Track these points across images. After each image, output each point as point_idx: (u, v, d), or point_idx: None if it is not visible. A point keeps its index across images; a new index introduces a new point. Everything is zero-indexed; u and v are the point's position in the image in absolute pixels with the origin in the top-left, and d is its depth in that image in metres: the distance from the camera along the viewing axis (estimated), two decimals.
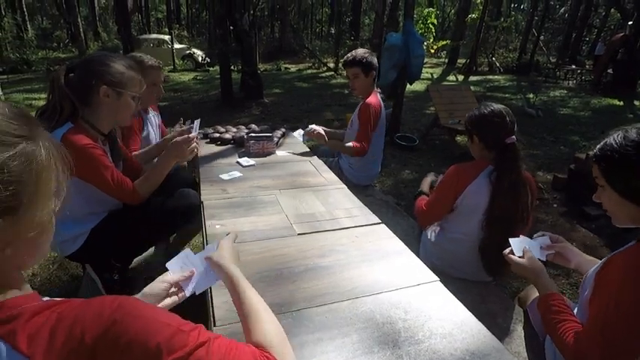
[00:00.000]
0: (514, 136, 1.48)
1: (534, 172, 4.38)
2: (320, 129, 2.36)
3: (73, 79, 1.34)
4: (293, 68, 15.27)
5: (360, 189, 2.60)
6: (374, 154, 2.52)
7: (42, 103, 6.89)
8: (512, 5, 28.83)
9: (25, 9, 20.89)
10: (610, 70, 10.03)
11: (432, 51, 16.04)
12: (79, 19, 17.85)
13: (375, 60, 2.37)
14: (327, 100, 8.75)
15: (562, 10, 23.24)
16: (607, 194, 1.02)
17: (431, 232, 1.77)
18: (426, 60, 16.15)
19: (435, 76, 12.33)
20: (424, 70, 12.85)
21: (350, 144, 2.32)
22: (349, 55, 2.38)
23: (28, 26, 20.57)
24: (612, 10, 17.42)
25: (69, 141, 1.28)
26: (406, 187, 3.93)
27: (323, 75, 13.12)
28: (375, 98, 2.38)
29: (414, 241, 2.04)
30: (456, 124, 4.92)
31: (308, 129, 2.31)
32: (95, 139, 1.39)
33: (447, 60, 17.01)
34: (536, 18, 16.77)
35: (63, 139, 1.29)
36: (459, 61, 15.50)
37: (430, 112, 6.83)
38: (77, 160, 1.27)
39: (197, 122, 1.74)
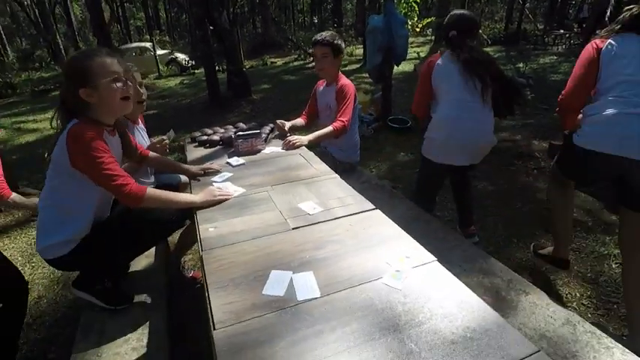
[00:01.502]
0: (456, 32, 2.06)
1: (529, 141, 4.37)
2: (298, 139, 2.28)
3: (66, 97, 1.39)
4: (279, 62, 15.15)
5: (355, 176, 2.61)
6: (353, 127, 2.57)
7: (30, 125, 6.82)
8: None
9: (2, 32, 20.64)
10: (598, 31, 9.92)
11: (418, 30, 15.84)
12: (58, 37, 17.63)
13: (343, 45, 2.42)
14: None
15: None
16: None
17: (429, 129, 2.20)
18: (412, 39, 16.04)
19: (422, 54, 12.22)
20: (411, 49, 12.74)
21: (329, 128, 2.33)
22: (319, 35, 2.40)
23: (8, 49, 20.33)
24: None
25: (71, 134, 1.31)
26: (402, 170, 3.92)
27: (310, 66, 13.01)
28: (346, 80, 2.45)
29: (412, 222, 2.04)
30: None
31: (286, 140, 2.24)
32: (100, 132, 1.39)
33: (433, 37, 16.85)
34: None
35: (67, 133, 1.31)
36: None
37: None
38: (77, 151, 1.29)
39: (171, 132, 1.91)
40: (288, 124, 2.51)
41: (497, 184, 3.43)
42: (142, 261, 1.89)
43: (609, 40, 1.69)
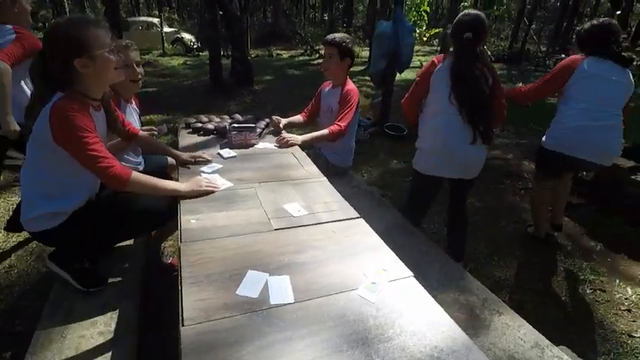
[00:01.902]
0: (471, 34, 1.93)
1: (520, 161, 4.42)
2: (292, 137, 2.26)
3: (50, 66, 1.32)
4: (285, 55, 15.08)
5: (346, 180, 2.61)
6: (350, 132, 2.56)
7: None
8: None
9: None
10: None
11: (425, 39, 15.90)
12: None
13: (353, 48, 2.40)
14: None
15: None
16: (576, 49, 2.42)
17: (418, 140, 2.21)
18: (417, 48, 16.07)
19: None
20: (416, 58, 12.75)
21: (326, 131, 2.32)
22: (331, 35, 2.43)
23: None
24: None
25: (56, 107, 1.28)
26: (393, 177, 3.94)
27: (315, 62, 12.98)
28: (353, 86, 2.45)
29: (396, 232, 2.05)
30: None
31: (280, 137, 2.22)
32: (87, 106, 1.37)
33: (439, 48, 16.90)
34: (528, 6, 16.68)
35: (52, 109, 1.28)
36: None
37: None
38: (60, 126, 1.27)
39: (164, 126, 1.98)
40: (283, 121, 2.50)
41: (485, 201, 3.47)
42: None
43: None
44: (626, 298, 2.28)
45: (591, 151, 2.29)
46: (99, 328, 1.33)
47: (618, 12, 9.79)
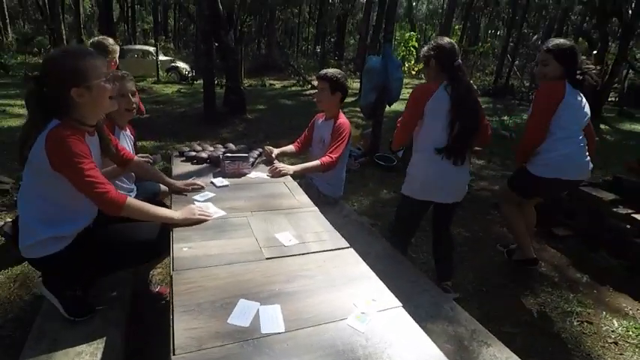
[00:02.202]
0: (460, 60, 2.07)
1: None
2: (285, 167, 2.32)
3: (46, 95, 1.36)
4: (278, 85, 15.41)
5: (337, 209, 2.65)
6: (341, 164, 2.62)
7: (17, 110, 6.68)
8: (489, 32, 30.04)
9: (6, 13, 20.51)
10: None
11: (414, 72, 16.49)
12: (63, 26, 17.62)
13: (345, 83, 2.51)
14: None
15: (535, 37, 24.35)
16: (551, 67, 2.29)
17: (410, 166, 2.26)
18: (407, 81, 16.61)
19: None
20: (405, 90, 13.15)
21: (317, 162, 2.38)
22: (324, 70, 2.56)
23: (9, 30, 20.18)
24: (580, 39, 18.35)
25: (52, 135, 1.30)
26: (383, 207, 3.98)
27: (307, 93, 13.28)
28: (345, 119, 2.54)
29: (385, 262, 2.08)
30: None
31: (272, 167, 2.28)
32: (82, 132, 1.40)
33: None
34: (511, 44, 17.49)
35: (47, 136, 1.30)
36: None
37: None
38: (57, 154, 1.30)
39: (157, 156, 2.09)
40: (276, 151, 2.56)
41: (472, 231, 3.52)
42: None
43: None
44: (612, 331, 2.30)
45: (580, 171, 2.43)
46: (84, 359, 1.30)
47: (595, 52, 10.34)
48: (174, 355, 0.89)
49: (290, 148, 2.74)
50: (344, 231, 1.64)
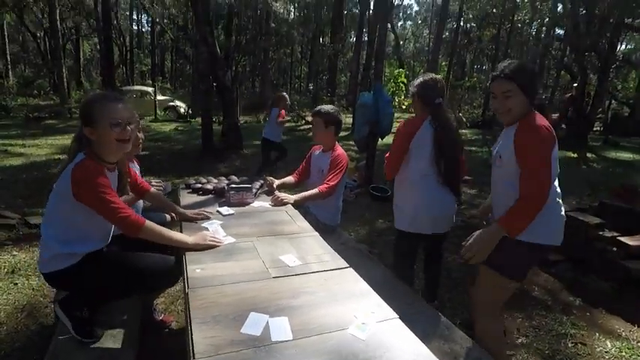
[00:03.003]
0: (441, 99, 2.16)
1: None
2: (286, 197, 2.44)
3: (79, 132, 1.61)
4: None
5: (334, 237, 2.76)
6: (338, 192, 2.76)
7: (18, 149, 6.86)
8: (475, 67, 31.38)
9: (8, 58, 21.18)
10: (564, 126, 10.94)
11: (404, 107, 17.05)
12: (64, 70, 18.20)
13: (338, 117, 2.69)
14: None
15: None
16: (516, 97, 1.63)
17: (398, 200, 2.34)
18: (398, 115, 17.12)
19: None
20: (396, 124, 13.48)
21: (316, 191, 2.53)
22: (318, 107, 2.81)
23: (10, 74, 20.75)
24: (562, 72, 19.24)
25: (77, 169, 1.49)
26: (379, 236, 4.10)
27: (301, 128, 13.66)
28: (342, 151, 2.72)
29: (383, 285, 2.16)
30: None
31: (274, 196, 2.42)
32: (102, 168, 1.57)
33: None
34: None
35: (73, 168, 1.49)
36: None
37: None
38: (81, 186, 1.48)
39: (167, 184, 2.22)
40: (277, 182, 2.71)
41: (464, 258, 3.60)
42: None
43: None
44: (606, 352, 2.36)
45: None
46: None
47: (575, 84, 10.88)
48: (194, 359, 0.99)
49: (289, 179, 2.90)
50: (342, 255, 1.75)
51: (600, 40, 11.01)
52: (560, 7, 15.57)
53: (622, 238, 3.03)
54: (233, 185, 2.31)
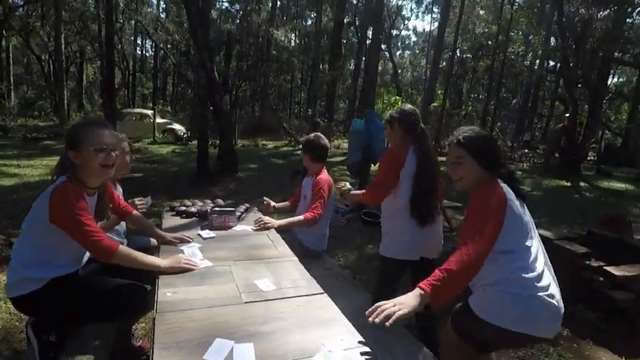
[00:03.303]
0: (422, 125, 2.23)
1: None
2: (270, 221, 2.43)
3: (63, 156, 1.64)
4: (270, 145, 15.98)
5: (319, 262, 2.75)
6: (324, 220, 2.75)
7: (12, 169, 6.87)
8: (472, 96, 32.01)
9: (11, 79, 21.57)
10: (557, 155, 11.08)
11: None
12: (65, 92, 18.51)
13: (313, 144, 2.71)
14: (300, 176, 9.13)
15: (514, 101, 25.99)
16: (467, 165, 1.58)
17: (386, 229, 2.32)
18: None
19: None
20: None
21: (301, 217, 2.53)
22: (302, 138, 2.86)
23: (12, 95, 21.08)
24: (556, 103, 19.66)
25: (56, 191, 1.50)
26: (368, 262, 4.07)
27: (298, 152, 13.77)
28: (324, 175, 2.72)
29: (362, 312, 2.13)
30: None
31: (258, 219, 2.41)
32: (82, 192, 1.58)
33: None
34: (491, 107, 18.63)
35: (52, 190, 1.51)
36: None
37: None
38: (58, 207, 1.50)
39: (148, 198, 2.21)
40: (272, 204, 2.72)
41: None
42: None
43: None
44: None
45: None
46: None
47: (567, 114, 11.09)
48: (156, 312, 0.97)
49: (285, 204, 2.93)
50: (325, 281, 1.74)
51: (591, 72, 11.32)
52: (552, 41, 16.11)
53: (608, 268, 3.01)
54: (216, 208, 2.32)
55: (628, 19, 15.26)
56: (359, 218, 5.49)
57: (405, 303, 1.30)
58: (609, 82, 20.35)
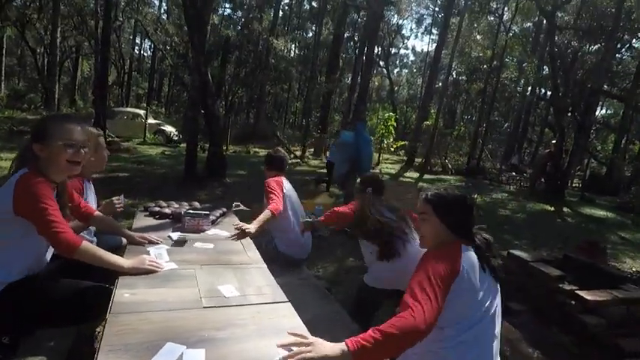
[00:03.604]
0: (371, 189, 2.41)
1: None
2: (248, 227, 2.36)
3: (26, 147, 1.58)
4: (262, 152, 15.93)
5: (295, 272, 2.72)
6: (293, 224, 2.81)
7: None
8: (465, 117, 32.50)
9: (3, 70, 21.30)
10: (543, 180, 11.24)
11: (392, 149, 17.42)
12: (58, 86, 18.31)
13: (271, 158, 3.09)
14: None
15: (506, 124, 26.45)
16: (431, 222, 1.47)
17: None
18: (387, 156, 17.48)
19: (393, 171, 13.25)
20: (384, 165, 13.75)
21: (266, 211, 2.51)
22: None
23: (2, 86, 20.79)
24: (546, 130, 20.06)
25: (21, 180, 1.46)
26: (347, 274, 4.04)
27: (289, 162, 13.77)
28: (270, 179, 2.89)
29: (332, 324, 2.11)
30: None
31: (237, 225, 2.37)
32: (48, 182, 1.53)
33: (405, 158, 18.48)
34: (482, 129, 18.91)
35: (17, 180, 1.45)
36: (416, 160, 16.85)
37: None
38: (24, 196, 1.45)
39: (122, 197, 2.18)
40: (248, 229, 2.37)
41: None
42: None
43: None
44: None
45: None
46: None
47: (554, 141, 11.31)
48: (110, 312, 0.93)
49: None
50: (297, 291, 1.72)
51: (579, 102, 11.60)
52: (545, 69, 16.52)
53: (580, 292, 3.03)
54: (190, 211, 2.29)
55: (617, 55, 15.80)
56: (342, 230, 5.46)
57: (318, 349, 1.14)
58: (597, 113, 20.93)
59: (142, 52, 35.67)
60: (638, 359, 2.75)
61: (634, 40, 15.39)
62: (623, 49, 16.71)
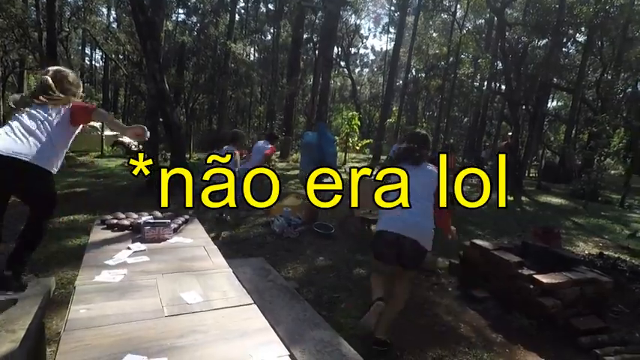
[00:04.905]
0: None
1: (435, 259, 4.78)
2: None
3: None
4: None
5: (263, 274, 2.71)
6: None
7: None
8: (426, 113, 33.49)
9: None
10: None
11: (357, 148, 17.68)
12: (1, 102, 17.17)
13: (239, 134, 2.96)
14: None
15: (465, 119, 27.50)
16: None
17: None
18: (353, 155, 17.69)
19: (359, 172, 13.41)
20: (350, 164, 13.91)
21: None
22: None
23: None
24: (503, 122, 21.03)
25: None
26: (317, 274, 4.05)
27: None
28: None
29: (301, 324, 2.12)
30: (367, 214, 5.38)
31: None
32: None
33: (371, 156, 18.81)
34: (442, 124, 19.57)
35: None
36: (382, 157, 17.14)
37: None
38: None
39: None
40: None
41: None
42: (5, 346, 1.74)
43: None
44: None
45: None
46: None
47: (510, 133, 11.88)
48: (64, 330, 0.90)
49: None
50: (267, 293, 1.72)
51: (531, 95, 12.24)
52: (498, 64, 17.30)
53: (537, 276, 3.20)
54: (149, 220, 2.23)
55: (564, 49, 16.82)
56: (311, 231, 5.48)
57: None
58: (549, 105, 22.15)
59: (92, 62, 34.19)
60: (591, 337, 2.95)
61: (577, 35, 16.42)
62: (569, 43, 17.81)
